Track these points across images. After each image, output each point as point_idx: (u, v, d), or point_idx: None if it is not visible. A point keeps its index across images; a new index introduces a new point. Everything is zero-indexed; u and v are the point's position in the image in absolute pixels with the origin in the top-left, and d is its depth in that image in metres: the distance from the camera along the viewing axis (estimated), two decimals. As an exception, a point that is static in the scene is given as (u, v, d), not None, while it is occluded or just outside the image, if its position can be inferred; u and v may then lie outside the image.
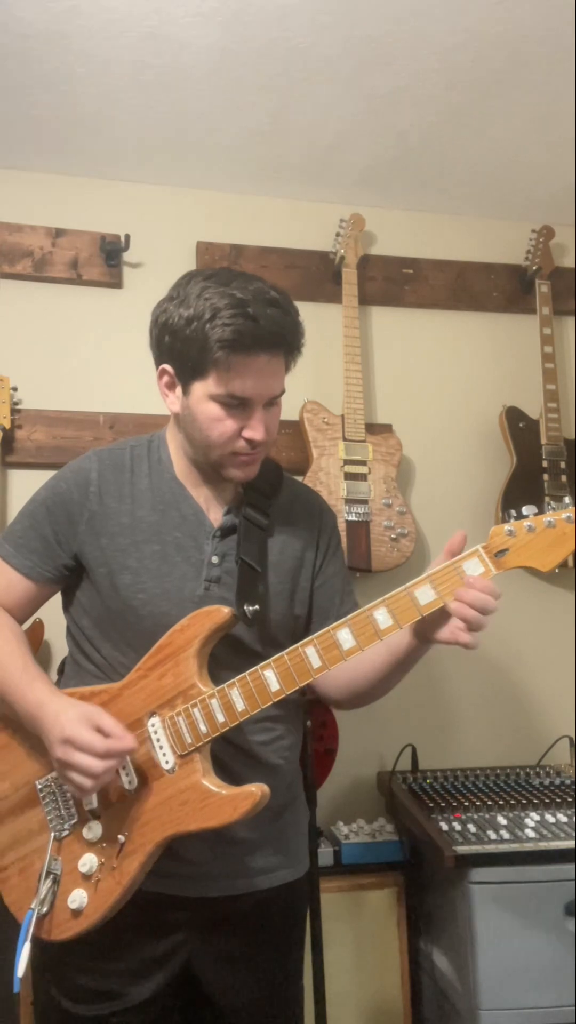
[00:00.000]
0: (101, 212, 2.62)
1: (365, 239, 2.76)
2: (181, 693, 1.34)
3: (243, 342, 1.31)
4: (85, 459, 1.51)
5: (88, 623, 1.48)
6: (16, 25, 2.02)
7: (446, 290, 2.81)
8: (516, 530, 1.23)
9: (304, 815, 1.60)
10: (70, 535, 1.45)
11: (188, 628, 1.35)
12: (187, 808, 1.30)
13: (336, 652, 1.28)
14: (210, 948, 1.43)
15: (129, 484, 1.47)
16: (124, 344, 2.57)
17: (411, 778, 2.34)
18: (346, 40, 2.08)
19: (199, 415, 1.38)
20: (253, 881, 1.44)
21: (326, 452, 2.50)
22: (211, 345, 1.31)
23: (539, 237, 2.79)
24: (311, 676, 1.29)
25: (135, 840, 1.32)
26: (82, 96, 2.28)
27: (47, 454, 2.47)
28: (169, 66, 2.17)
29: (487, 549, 1.24)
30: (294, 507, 1.55)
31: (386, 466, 2.54)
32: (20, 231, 2.56)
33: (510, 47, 2.11)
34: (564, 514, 1.22)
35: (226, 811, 1.28)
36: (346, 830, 2.28)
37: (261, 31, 2.05)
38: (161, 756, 1.33)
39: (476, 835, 1.93)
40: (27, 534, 1.48)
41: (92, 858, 1.35)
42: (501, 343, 2.83)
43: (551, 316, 2.74)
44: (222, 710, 1.31)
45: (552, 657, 2.68)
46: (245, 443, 1.38)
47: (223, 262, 2.65)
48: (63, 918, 1.35)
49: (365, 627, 1.27)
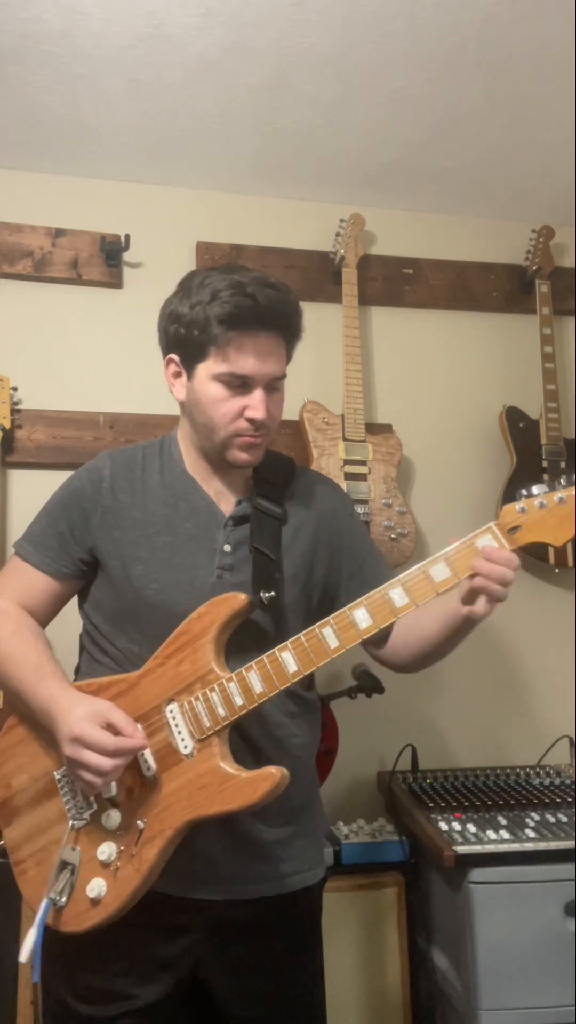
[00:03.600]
0: (101, 212, 2.62)
1: (365, 239, 2.76)
2: (199, 679, 1.34)
3: (241, 317, 1.37)
4: (99, 459, 1.56)
5: (102, 618, 1.50)
6: (16, 25, 2.02)
7: (446, 290, 2.81)
8: (528, 507, 1.26)
9: (321, 820, 1.58)
10: (84, 530, 1.48)
11: (205, 615, 1.36)
12: (206, 792, 1.29)
13: (353, 631, 1.29)
14: (223, 956, 1.41)
15: (141, 480, 1.51)
16: (124, 344, 2.57)
17: (411, 778, 2.34)
18: (346, 40, 2.08)
19: (203, 397, 1.42)
20: (264, 887, 1.43)
21: (326, 452, 2.50)
22: (211, 323, 1.38)
23: (539, 237, 2.79)
24: (328, 656, 1.30)
25: (154, 826, 1.32)
26: (82, 96, 2.28)
27: (47, 454, 2.47)
28: (169, 66, 2.17)
29: (500, 526, 1.27)
30: (308, 494, 1.56)
31: (386, 466, 2.54)
32: (20, 231, 2.56)
33: (510, 47, 2.11)
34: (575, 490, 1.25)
35: (245, 793, 1.27)
36: (346, 830, 2.27)
37: (261, 31, 2.05)
38: (180, 741, 1.33)
39: (476, 835, 1.93)
40: (44, 532, 1.52)
41: (111, 846, 1.34)
42: (501, 343, 2.83)
43: (551, 316, 2.74)
44: (240, 693, 1.31)
45: (552, 657, 2.68)
46: (247, 423, 1.41)
47: (223, 262, 2.65)
48: (82, 908, 1.34)
49: (382, 607, 1.29)
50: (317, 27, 2.04)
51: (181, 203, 2.69)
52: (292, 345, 1.48)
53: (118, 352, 2.57)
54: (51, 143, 2.48)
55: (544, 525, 1.25)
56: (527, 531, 1.26)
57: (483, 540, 1.27)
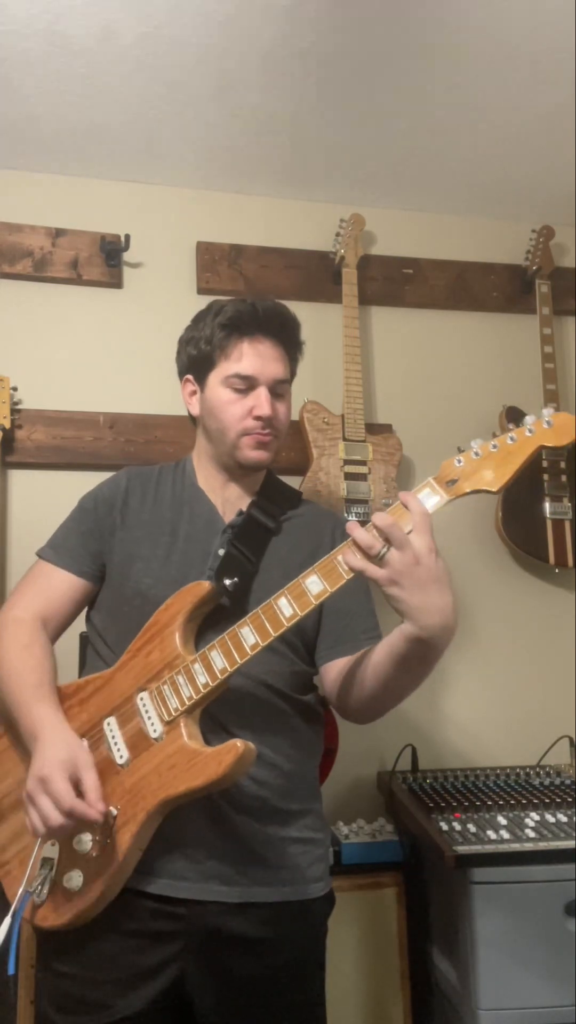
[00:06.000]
0: (101, 212, 2.62)
1: (365, 239, 2.76)
2: (167, 665, 1.38)
3: (241, 320, 1.51)
4: (120, 472, 1.66)
5: (102, 616, 1.55)
6: (16, 25, 2.02)
7: (446, 290, 2.81)
8: (464, 459, 1.31)
9: (322, 834, 1.53)
10: (102, 529, 1.56)
11: (172, 605, 1.42)
12: (175, 771, 1.31)
13: (306, 598, 1.30)
14: (210, 969, 1.37)
15: (154, 490, 1.60)
16: (124, 344, 2.57)
17: (411, 778, 2.34)
18: (346, 40, 2.08)
19: (214, 403, 1.53)
20: (254, 891, 1.40)
21: (326, 452, 2.50)
22: (216, 332, 1.52)
23: (539, 237, 2.79)
24: (284, 625, 1.30)
25: (127, 812, 1.32)
26: (82, 96, 2.28)
27: (47, 454, 2.47)
28: (169, 66, 2.17)
29: (438, 479, 1.31)
30: (310, 519, 1.62)
31: (386, 466, 2.54)
32: (20, 231, 2.56)
33: (510, 47, 2.11)
34: (508, 436, 1.31)
35: (211, 767, 1.28)
36: (346, 830, 2.27)
37: (261, 31, 2.06)
38: (150, 726, 1.35)
39: (476, 835, 1.93)
40: (67, 535, 1.60)
41: (87, 836, 1.34)
42: (501, 343, 2.83)
43: (551, 316, 2.74)
44: (204, 671, 1.33)
45: (552, 657, 2.68)
46: (255, 421, 1.51)
47: (223, 262, 2.65)
48: (61, 900, 1.34)
49: (331, 571, 1.29)
50: (317, 27, 2.04)
51: (181, 203, 2.69)
52: (293, 356, 1.59)
53: (118, 352, 2.57)
54: (51, 143, 2.48)
55: (479, 474, 1.30)
56: (464, 481, 1.30)
57: (423, 494, 1.31)
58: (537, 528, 2.60)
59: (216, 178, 2.66)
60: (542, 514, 2.60)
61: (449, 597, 1.25)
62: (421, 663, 1.31)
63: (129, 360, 2.56)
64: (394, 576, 1.22)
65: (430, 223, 2.86)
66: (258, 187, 2.71)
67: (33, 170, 2.60)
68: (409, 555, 1.22)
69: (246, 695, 1.43)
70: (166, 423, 2.51)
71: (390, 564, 1.22)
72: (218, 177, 2.66)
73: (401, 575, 1.21)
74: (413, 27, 2.04)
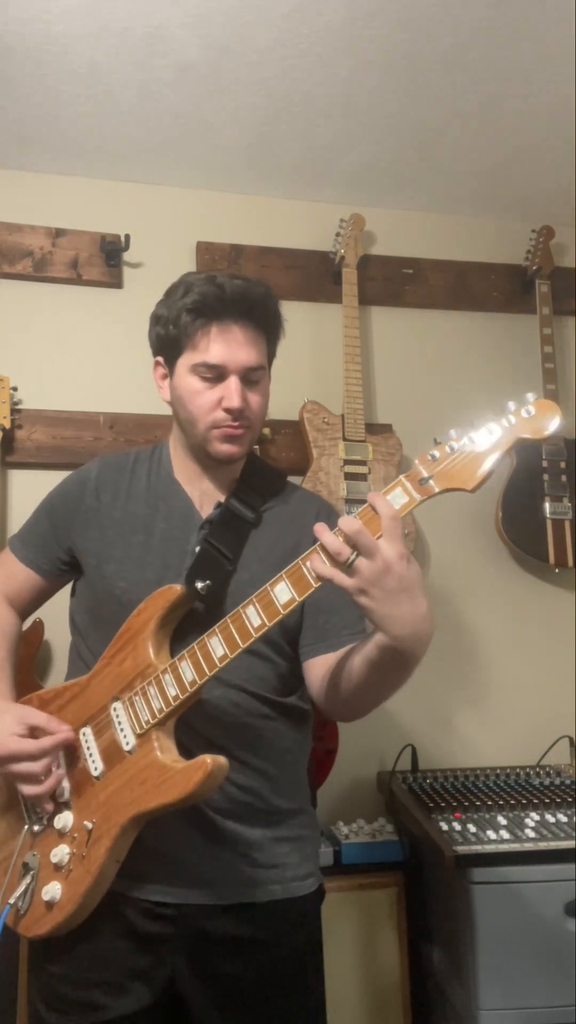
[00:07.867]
0: (101, 212, 2.62)
1: (365, 239, 2.76)
2: (139, 674, 1.34)
3: (209, 304, 1.38)
4: (91, 462, 1.59)
5: (81, 618, 1.52)
6: (16, 26, 2.02)
7: (446, 290, 2.81)
8: (439, 454, 1.19)
9: (312, 832, 1.52)
10: (65, 531, 1.52)
11: (144, 611, 1.37)
12: (146, 786, 1.28)
13: (273, 607, 1.22)
14: (202, 971, 1.36)
15: (127, 483, 1.52)
16: (124, 344, 2.57)
17: (411, 778, 2.34)
18: (346, 40, 2.08)
19: (183, 391, 1.43)
20: (241, 891, 1.38)
21: (326, 452, 2.50)
22: (182, 315, 1.39)
23: (539, 237, 2.79)
24: (252, 635, 1.23)
25: (101, 826, 1.31)
26: (82, 96, 2.28)
27: (47, 454, 2.47)
28: (169, 66, 2.17)
29: (410, 476, 1.18)
30: (295, 509, 1.52)
31: (386, 466, 2.54)
32: (20, 231, 2.56)
33: (510, 47, 2.11)
34: (486, 428, 1.22)
35: (180, 784, 1.25)
36: (346, 830, 2.27)
37: (261, 31, 2.05)
38: (122, 738, 1.33)
39: (476, 835, 1.93)
40: (32, 529, 1.59)
41: (63, 849, 1.34)
42: (501, 343, 2.83)
43: (551, 316, 2.74)
44: (174, 683, 1.28)
45: (552, 657, 2.68)
46: (224, 414, 1.40)
47: (223, 262, 2.65)
48: (39, 912, 1.34)
49: (300, 579, 1.20)
50: (316, 27, 2.04)
51: (181, 203, 2.70)
52: (270, 338, 1.45)
53: (118, 352, 2.57)
54: (51, 143, 2.48)
55: (453, 472, 1.17)
56: (438, 479, 1.17)
57: (393, 494, 1.18)
58: (537, 528, 2.60)
59: (216, 178, 2.66)
60: (542, 514, 2.60)
61: (422, 605, 1.15)
62: (397, 670, 1.24)
63: (129, 360, 2.55)
64: (363, 585, 1.13)
65: (430, 223, 2.86)
66: (258, 187, 2.71)
67: (33, 170, 2.60)
68: (379, 563, 1.12)
69: (226, 703, 1.38)
70: (166, 423, 2.46)
71: (359, 572, 1.13)
72: (218, 177, 2.66)
73: (370, 584, 1.13)
74: (412, 28, 2.04)
